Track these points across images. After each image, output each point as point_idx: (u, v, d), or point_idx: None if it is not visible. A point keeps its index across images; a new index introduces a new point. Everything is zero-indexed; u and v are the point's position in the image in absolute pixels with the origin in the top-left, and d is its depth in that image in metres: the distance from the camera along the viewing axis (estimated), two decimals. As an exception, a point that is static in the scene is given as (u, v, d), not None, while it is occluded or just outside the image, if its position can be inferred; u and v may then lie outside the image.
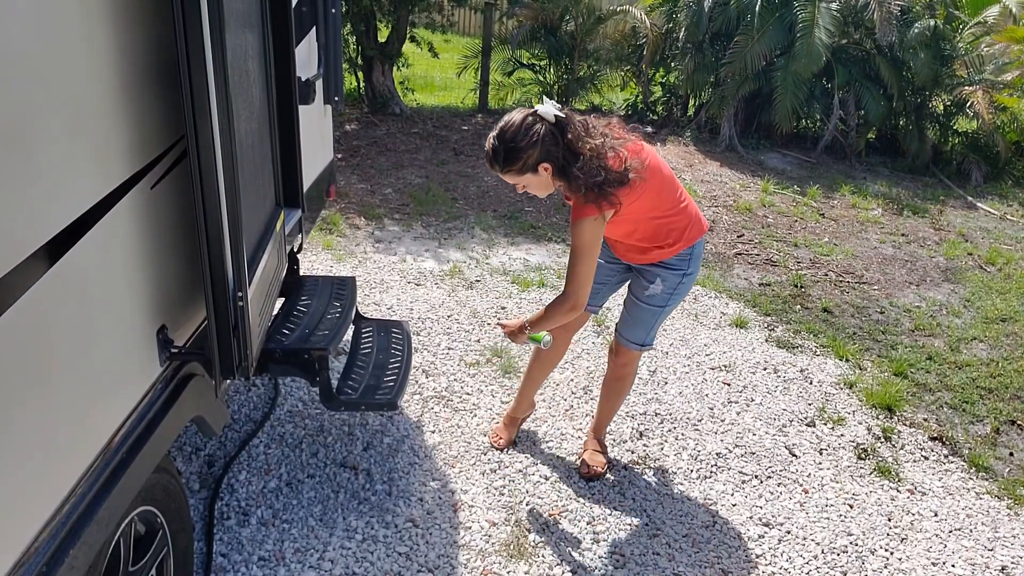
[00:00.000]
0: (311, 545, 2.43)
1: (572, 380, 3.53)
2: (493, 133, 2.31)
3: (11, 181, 1.18)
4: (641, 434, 3.19)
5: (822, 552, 2.64)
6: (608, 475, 2.92)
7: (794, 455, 3.16)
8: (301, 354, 2.39)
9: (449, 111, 8.58)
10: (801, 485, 2.98)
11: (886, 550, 2.68)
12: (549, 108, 2.29)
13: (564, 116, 2.30)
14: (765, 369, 3.81)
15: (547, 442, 3.08)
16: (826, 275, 5.17)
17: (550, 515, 2.68)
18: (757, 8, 7.54)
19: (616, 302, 4.35)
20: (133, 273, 1.59)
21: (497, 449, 2.99)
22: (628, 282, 2.75)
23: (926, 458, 3.24)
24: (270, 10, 2.16)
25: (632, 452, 3.07)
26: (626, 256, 2.65)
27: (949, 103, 8.33)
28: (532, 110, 2.31)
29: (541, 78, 8.84)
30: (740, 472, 3.02)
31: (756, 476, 3.00)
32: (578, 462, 2.94)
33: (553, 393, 3.41)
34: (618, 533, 2.64)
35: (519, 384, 3.49)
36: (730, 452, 3.13)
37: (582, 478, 2.87)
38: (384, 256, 4.79)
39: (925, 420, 3.51)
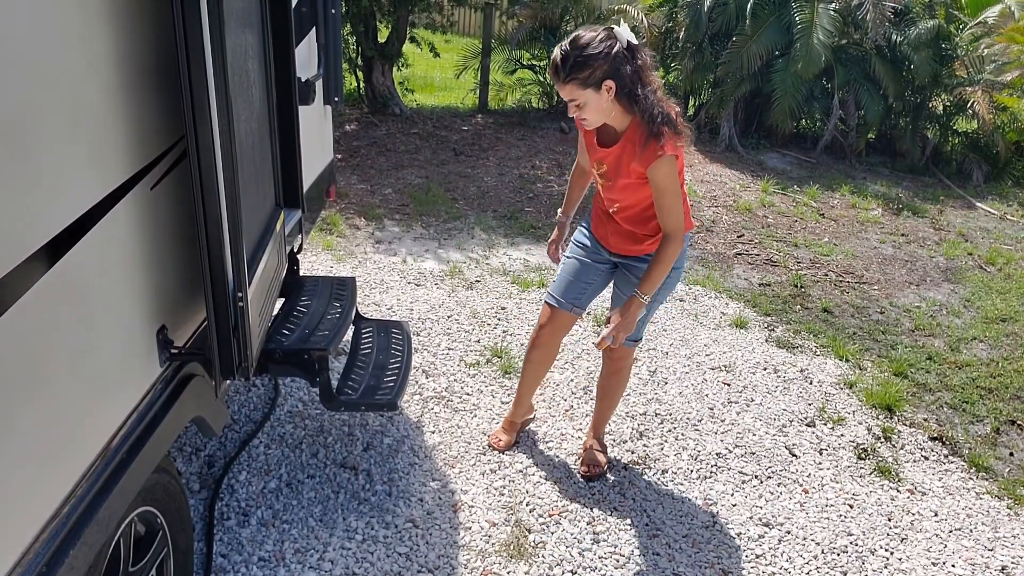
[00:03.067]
0: (311, 545, 2.43)
1: (572, 380, 3.53)
2: (564, 42, 2.26)
3: (11, 181, 1.18)
4: (641, 434, 3.19)
5: (822, 552, 2.64)
6: (608, 475, 2.92)
7: (794, 455, 3.16)
8: (301, 354, 2.38)
9: (449, 111, 8.58)
10: (801, 485, 2.98)
11: (886, 550, 2.68)
12: (625, 31, 2.26)
13: (636, 44, 2.28)
14: (765, 369, 3.81)
15: (547, 442, 3.08)
16: (826, 275, 5.17)
17: (550, 515, 2.68)
18: (749, 8, 7.55)
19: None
20: (133, 273, 1.59)
21: (497, 451, 3.00)
22: (613, 282, 2.74)
23: (926, 458, 3.24)
24: (270, 10, 2.16)
25: (632, 452, 3.07)
26: (620, 246, 2.61)
27: (949, 103, 8.33)
28: (608, 27, 2.27)
29: (541, 78, 8.84)
30: (740, 472, 3.02)
31: (756, 476, 3.00)
32: (578, 462, 2.94)
33: (553, 393, 3.41)
34: (618, 533, 2.64)
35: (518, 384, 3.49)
36: (730, 452, 3.13)
37: (582, 478, 2.87)
38: (384, 256, 4.79)
39: (925, 420, 3.51)
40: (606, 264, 2.68)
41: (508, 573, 2.42)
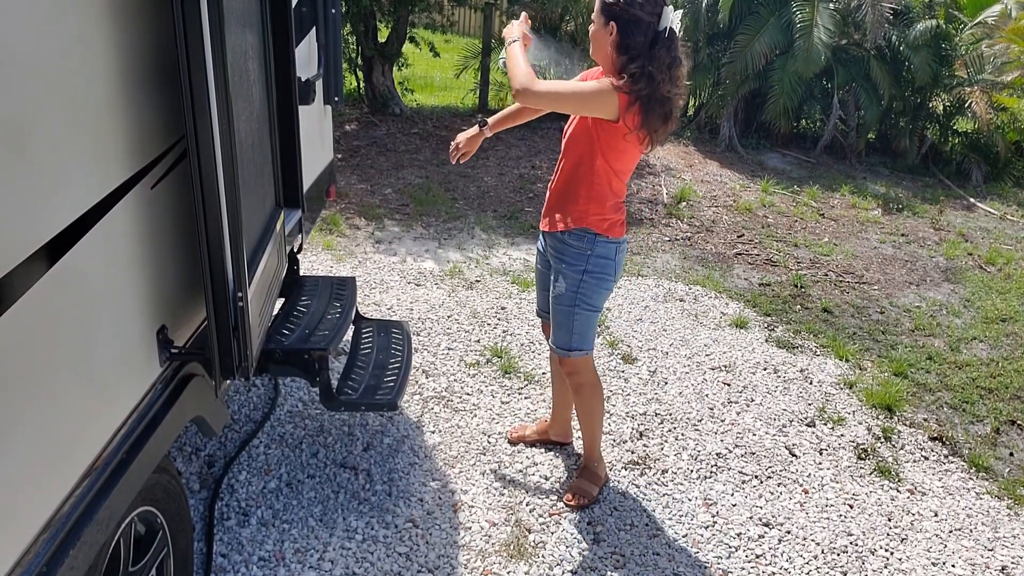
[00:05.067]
0: (311, 545, 2.43)
1: (572, 380, 3.53)
2: None
3: (11, 181, 1.18)
4: (641, 434, 3.19)
5: (822, 552, 2.64)
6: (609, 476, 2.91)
7: (794, 455, 3.15)
8: (301, 354, 2.38)
9: (449, 111, 8.57)
10: (801, 485, 2.98)
11: (886, 550, 2.68)
12: (674, 16, 2.28)
13: (673, 32, 2.29)
14: (765, 369, 3.81)
15: (547, 443, 3.08)
16: (826, 275, 5.17)
17: (550, 515, 2.68)
18: (723, 2, 7.59)
19: (617, 302, 4.35)
20: (133, 273, 1.59)
21: (509, 442, 3.02)
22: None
23: (926, 458, 3.24)
24: (270, 10, 2.16)
25: (632, 452, 3.07)
26: (550, 213, 2.61)
27: (949, 103, 8.33)
28: (669, 3, 2.30)
29: (541, 78, 8.83)
30: (740, 472, 3.02)
31: (756, 476, 3.00)
32: (579, 462, 2.94)
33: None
34: (618, 533, 2.64)
35: (518, 384, 3.50)
36: (730, 452, 3.13)
37: (563, 504, 2.74)
38: (384, 256, 4.79)
39: (925, 420, 3.51)
40: (549, 267, 2.68)
41: (508, 573, 2.42)
